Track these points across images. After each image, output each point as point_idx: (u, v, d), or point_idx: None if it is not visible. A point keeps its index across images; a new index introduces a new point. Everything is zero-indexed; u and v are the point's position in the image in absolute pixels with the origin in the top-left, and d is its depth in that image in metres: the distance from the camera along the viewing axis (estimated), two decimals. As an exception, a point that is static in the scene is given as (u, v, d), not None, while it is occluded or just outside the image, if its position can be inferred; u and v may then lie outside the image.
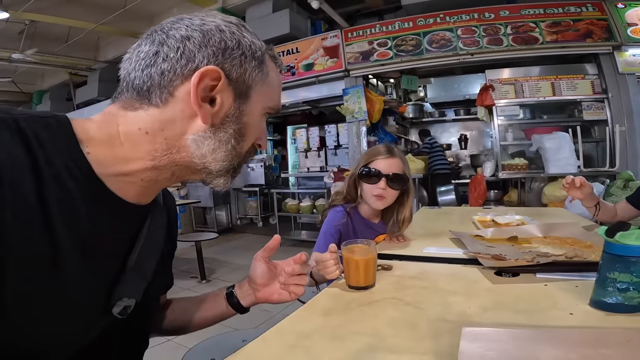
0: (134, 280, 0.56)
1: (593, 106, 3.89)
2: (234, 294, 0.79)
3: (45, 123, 0.47)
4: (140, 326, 0.65)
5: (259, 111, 0.56)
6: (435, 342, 0.56)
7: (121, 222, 0.54)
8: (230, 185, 0.59)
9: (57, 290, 0.45)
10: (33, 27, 5.48)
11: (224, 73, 0.50)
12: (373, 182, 1.23)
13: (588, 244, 1.02)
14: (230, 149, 0.54)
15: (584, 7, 3.95)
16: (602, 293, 0.62)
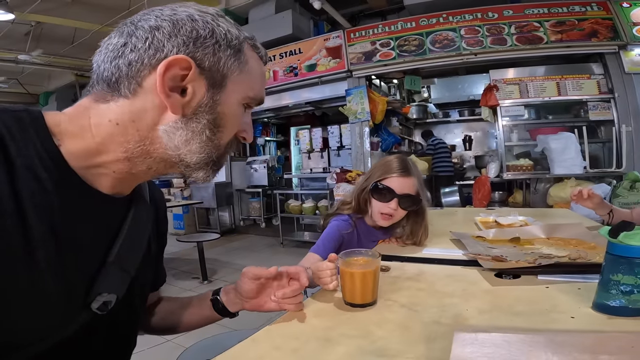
0: (114, 275, 0.55)
1: (599, 106, 3.84)
2: (219, 300, 0.76)
3: (16, 116, 0.46)
4: (125, 323, 0.63)
5: (236, 101, 0.54)
6: (428, 345, 0.53)
7: (98, 214, 0.53)
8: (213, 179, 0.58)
9: (30, 283, 0.44)
10: (39, 28, 5.53)
11: (195, 62, 0.49)
12: (384, 200, 1.16)
13: (592, 245, 0.99)
14: (206, 140, 0.52)
15: (588, 6, 3.91)
16: (605, 296, 0.59)
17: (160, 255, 0.78)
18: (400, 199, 1.15)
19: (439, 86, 6.07)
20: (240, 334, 1.38)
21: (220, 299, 0.76)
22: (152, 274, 0.71)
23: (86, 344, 0.55)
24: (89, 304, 0.51)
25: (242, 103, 0.55)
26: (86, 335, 0.54)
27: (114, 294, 0.54)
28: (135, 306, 0.65)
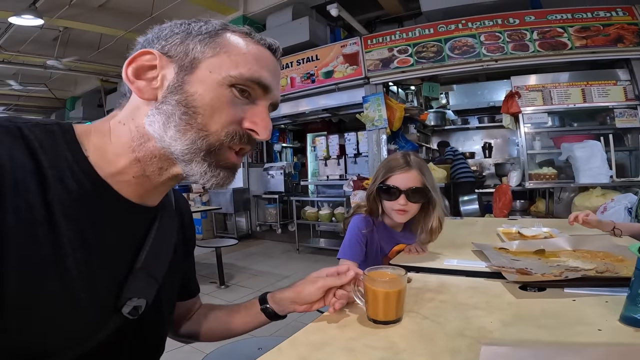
0: (142, 280, 0.57)
1: (626, 113, 3.72)
2: (268, 308, 0.78)
3: (48, 130, 0.50)
4: (154, 329, 0.65)
5: (214, 81, 0.52)
6: (453, 357, 0.53)
7: (127, 222, 0.56)
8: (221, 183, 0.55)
9: (62, 289, 0.46)
10: (67, 33, 5.76)
11: (161, 53, 0.53)
12: (392, 199, 1.19)
13: (620, 257, 0.96)
14: (183, 124, 0.51)
15: (613, 11, 3.81)
16: (633, 309, 0.58)
17: (191, 262, 0.82)
18: (406, 193, 1.17)
19: (458, 92, 5.99)
20: (257, 340, 1.39)
21: (270, 307, 0.78)
22: (179, 281, 0.73)
23: (117, 349, 0.56)
24: (119, 308, 0.54)
25: (228, 84, 0.53)
26: (117, 341, 0.55)
27: (144, 298, 0.56)
28: (163, 312, 0.67)
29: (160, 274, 0.61)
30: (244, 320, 0.80)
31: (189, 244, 0.78)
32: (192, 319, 0.83)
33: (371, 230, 1.27)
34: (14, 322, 0.43)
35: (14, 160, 0.44)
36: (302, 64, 5.12)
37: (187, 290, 0.81)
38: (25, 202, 0.43)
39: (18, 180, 0.43)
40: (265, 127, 0.56)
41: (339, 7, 4.29)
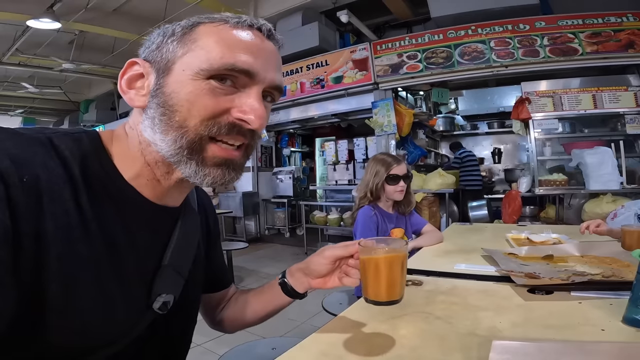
0: (170, 276, 0.60)
1: (636, 119, 3.70)
2: (286, 283, 0.76)
3: (75, 138, 0.53)
4: (181, 323, 0.67)
5: (188, 78, 0.51)
6: (465, 354, 0.57)
7: (152, 222, 0.58)
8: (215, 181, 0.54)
9: (97, 290, 0.49)
10: (82, 37, 5.88)
11: (143, 60, 0.55)
12: (395, 183, 1.68)
13: (626, 263, 0.98)
14: (164, 125, 0.51)
15: (624, 17, 3.81)
16: (635, 311, 0.62)
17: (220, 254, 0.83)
18: (403, 178, 1.70)
19: (467, 98, 5.99)
20: (271, 341, 1.44)
21: (288, 281, 0.76)
22: (203, 275, 0.74)
23: (148, 344, 0.59)
24: (150, 305, 0.57)
25: (202, 78, 0.51)
26: (148, 336, 0.58)
27: (172, 294, 0.59)
28: (190, 306, 0.69)
29: (186, 270, 0.64)
30: (268, 299, 0.79)
31: (213, 238, 0.80)
32: (225, 308, 0.84)
33: (374, 214, 1.69)
34: (55, 322, 0.46)
35: (49, 170, 0.47)
36: (311, 69, 5.18)
37: (220, 281, 0.83)
38: (61, 208, 0.46)
39: (53, 188, 0.46)
40: (256, 115, 0.52)
41: (348, 14, 4.34)
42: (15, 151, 0.44)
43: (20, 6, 4.63)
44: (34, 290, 0.44)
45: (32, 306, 0.44)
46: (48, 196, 0.45)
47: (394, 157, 1.74)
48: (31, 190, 0.44)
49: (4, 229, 0.40)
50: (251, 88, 0.53)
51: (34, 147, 0.47)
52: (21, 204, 0.42)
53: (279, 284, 0.78)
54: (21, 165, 0.44)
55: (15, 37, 5.63)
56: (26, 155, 0.45)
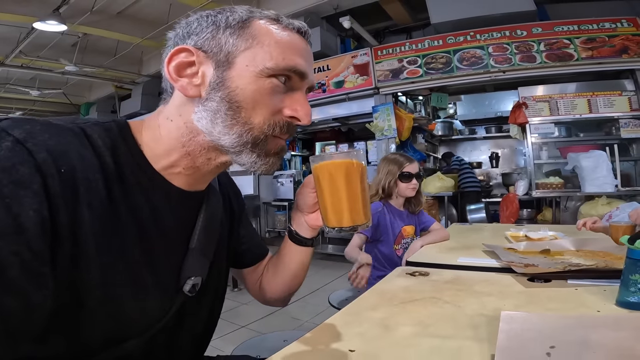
0: (197, 259, 0.61)
1: (631, 123, 3.79)
2: (292, 229, 0.76)
3: (106, 127, 0.54)
4: (208, 304, 0.69)
5: (253, 74, 0.53)
6: (475, 330, 0.64)
7: (181, 208, 0.59)
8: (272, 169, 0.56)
9: (131, 276, 0.51)
10: (85, 40, 5.89)
11: (196, 48, 0.54)
12: (408, 181, 1.75)
13: (619, 256, 1.05)
14: (229, 119, 0.53)
15: (618, 22, 3.90)
16: (626, 293, 0.68)
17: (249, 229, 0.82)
18: (415, 176, 1.77)
19: (465, 102, 6.07)
20: (283, 334, 1.49)
21: (293, 228, 0.75)
22: (226, 256, 0.74)
23: (178, 326, 0.61)
24: (180, 288, 0.59)
25: (266, 76, 0.53)
26: (179, 319, 0.60)
27: (199, 276, 0.61)
28: (215, 286, 0.70)
29: (211, 251, 0.65)
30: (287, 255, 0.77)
31: (238, 215, 0.79)
32: (263, 277, 0.82)
33: (382, 210, 1.76)
34: (93, 311, 0.47)
35: (84, 160, 0.47)
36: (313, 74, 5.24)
37: (256, 255, 0.82)
38: (96, 198, 0.47)
39: (89, 178, 0.47)
40: (306, 113, 0.57)
41: (351, 19, 4.42)
42: (52, 142, 0.45)
43: (26, 8, 4.67)
44: (72, 280, 0.45)
45: (70, 296, 0.45)
46: (84, 186, 0.46)
47: (407, 157, 1.81)
48: (68, 181, 0.44)
49: (42, 221, 0.41)
50: (299, 88, 0.57)
51: (69, 137, 0.48)
52: (59, 195, 0.43)
53: (288, 235, 0.76)
54: (58, 157, 0.44)
55: (19, 39, 5.67)
56: (62, 146, 0.46)
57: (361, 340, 0.63)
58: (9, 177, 0.40)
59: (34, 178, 0.41)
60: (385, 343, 0.62)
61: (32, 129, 0.44)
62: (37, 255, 0.40)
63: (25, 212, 0.39)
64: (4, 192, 0.39)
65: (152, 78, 7.60)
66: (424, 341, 0.61)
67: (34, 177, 0.41)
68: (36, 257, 0.40)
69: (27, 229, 0.39)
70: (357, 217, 0.57)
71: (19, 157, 0.41)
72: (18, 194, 0.39)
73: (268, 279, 0.81)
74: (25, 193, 0.40)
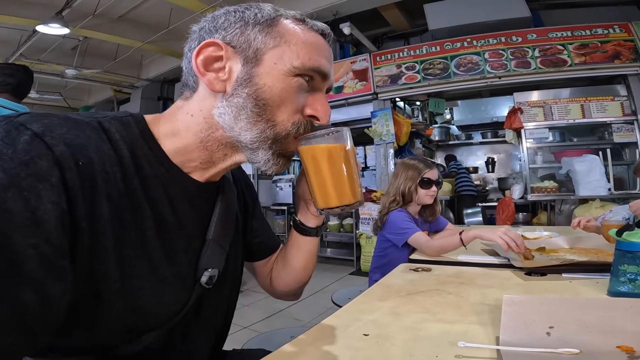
0: (215, 251, 0.61)
1: (623, 128, 3.85)
2: (296, 219, 0.74)
3: (123, 122, 0.54)
4: (225, 295, 0.69)
5: (281, 72, 0.53)
6: (478, 317, 0.70)
7: (197, 200, 0.60)
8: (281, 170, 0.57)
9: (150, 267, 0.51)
10: (85, 43, 5.90)
11: (225, 43, 0.53)
12: (428, 187, 1.69)
13: (611, 253, 1.12)
14: (254, 116, 0.53)
15: (611, 28, 3.95)
16: (617, 283, 0.74)
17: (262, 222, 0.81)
18: (435, 183, 1.71)
19: (462, 108, 6.15)
20: (290, 331, 1.55)
21: (298, 218, 0.74)
22: (241, 248, 0.74)
23: (197, 318, 0.61)
24: (198, 279, 0.58)
25: (292, 74, 0.54)
26: (197, 310, 0.61)
27: (216, 268, 0.61)
28: (231, 278, 0.70)
29: (227, 243, 0.65)
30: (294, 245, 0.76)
31: (252, 208, 0.79)
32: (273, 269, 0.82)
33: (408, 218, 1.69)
34: (113, 303, 0.48)
35: (102, 153, 0.47)
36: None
37: (268, 248, 0.81)
38: (115, 191, 0.47)
39: (107, 171, 0.47)
40: (326, 113, 0.57)
41: (351, 26, 4.49)
42: (70, 136, 0.45)
43: (29, 11, 4.71)
44: (91, 272, 0.45)
45: (89, 288, 0.45)
46: (102, 179, 0.46)
47: (426, 162, 1.76)
48: (86, 174, 0.44)
49: (61, 214, 0.41)
50: (321, 88, 0.58)
51: (87, 131, 0.48)
52: (77, 188, 0.43)
53: (293, 226, 0.76)
54: (76, 150, 0.44)
55: (20, 42, 5.70)
56: (80, 139, 0.46)
57: (374, 326, 0.69)
58: (27, 170, 0.39)
59: (53, 171, 0.41)
60: (396, 327, 0.68)
61: (50, 123, 0.44)
62: (56, 248, 0.40)
63: (43, 206, 0.39)
64: (22, 185, 0.39)
65: (152, 82, 7.62)
66: (433, 325, 0.67)
67: (52, 170, 0.41)
68: (55, 251, 0.40)
69: (46, 221, 0.39)
70: (344, 196, 0.56)
71: (37, 151, 0.41)
72: (36, 187, 0.39)
73: (278, 272, 0.80)
74: (43, 186, 0.40)
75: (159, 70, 7.20)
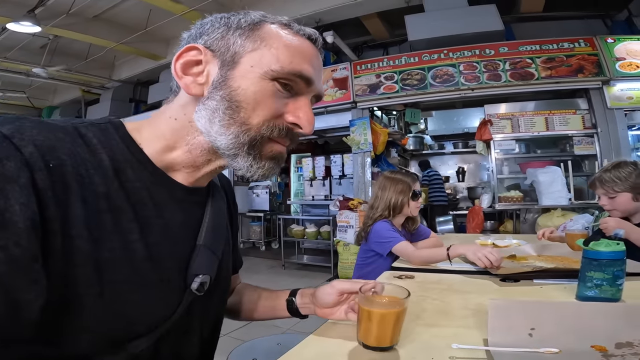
0: (205, 257, 0.59)
1: (583, 141, 4.03)
2: (294, 302, 0.79)
3: (102, 127, 0.53)
4: (216, 304, 0.68)
5: (256, 75, 0.53)
6: (464, 320, 0.76)
7: (184, 204, 0.59)
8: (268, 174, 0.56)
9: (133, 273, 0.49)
10: (55, 42, 5.70)
11: (205, 47, 0.54)
12: (417, 200, 1.78)
13: (574, 260, 1.23)
14: (227, 118, 0.53)
15: (576, 42, 4.12)
16: (584, 288, 0.83)
17: (236, 238, 0.82)
18: (420, 195, 1.79)
19: (436, 118, 6.31)
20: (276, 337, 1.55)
21: (295, 301, 0.79)
22: (230, 256, 0.74)
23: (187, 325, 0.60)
24: (188, 285, 0.57)
25: (270, 78, 0.53)
26: (188, 318, 0.59)
27: (208, 274, 0.59)
28: (223, 287, 0.69)
29: (220, 249, 0.64)
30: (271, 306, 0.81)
31: (235, 217, 0.80)
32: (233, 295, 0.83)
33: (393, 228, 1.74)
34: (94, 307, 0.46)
35: (76, 156, 0.46)
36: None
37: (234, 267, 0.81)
38: (91, 194, 0.46)
39: (82, 174, 0.46)
40: (309, 121, 0.56)
41: (334, 35, 4.54)
42: (40, 137, 0.44)
43: (1, 9, 4.51)
44: (67, 275, 0.44)
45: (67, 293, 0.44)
46: (76, 181, 0.45)
47: (412, 175, 1.84)
48: (58, 176, 0.43)
49: (32, 217, 0.39)
50: (304, 95, 0.57)
51: (60, 134, 0.47)
52: (48, 189, 0.42)
53: (286, 300, 0.80)
54: (46, 151, 0.43)
55: (-14, 40, 5.43)
56: (51, 141, 0.45)
57: None
58: None
59: (21, 172, 0.40)
60: (390, 332, 0.72)
61: (21, 125, 0.44)
62: (26, 250, 0.39)
63: (11, 207, 0.38)
64: None
65: (124, 83, 7.41)
66: (423, 329, 0.72)
67: (21, 171, 0.40)
68: (25, 253, 0.38)
69: (15, 223, 0.38)
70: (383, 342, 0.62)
71: (6, 152, 0.40)
72: (4, 189, 0.38)
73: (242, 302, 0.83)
74: (11, 187, 0.39)
75: (132, 72, 7.01)
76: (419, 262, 1.42)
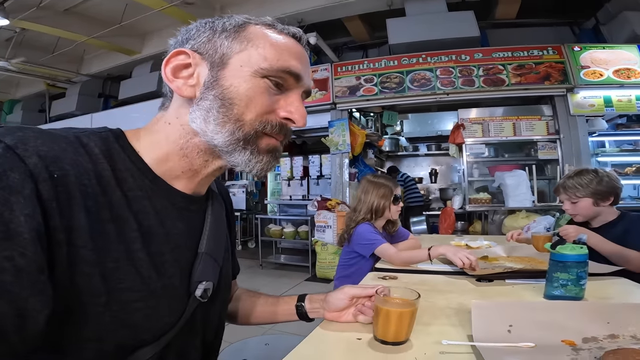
0: (208, 264, 0.61)
1: (547, 146, 4.23)
2: (303, 307, 0.84)
3: (102, 137, 0.54)
4: (218, 309, 0.69)
5: (247, 74, 0.55)
6: (448, 319, 0.84)
7: (186, 212, 0.60)
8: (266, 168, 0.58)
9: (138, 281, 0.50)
10: (22, 35, 5.45)
11: (193, 51, 0.56)
12: (397, 204, 1.83)
13: (540, 260, 1.36)
14: (221, 116, 0.54)
15: (545, 50, 4.27)
16: (551, 288, 0.93)
17: (233, 244, 0.84)
18: (401, 199, 1.85)
19: (411, 121, 6.48)
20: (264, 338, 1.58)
21: (305, 306, 0.83)
22: (230, 262, 0.76)
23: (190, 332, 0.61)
24: (192, 292, 0.58)
25: (260, 76, 0.55)
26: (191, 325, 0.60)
27: (211, 281, 0.61)
28: (224, 293, 0.71)
29: (220, 256, 0.65)
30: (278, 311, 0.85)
31: (232, 225, 0.82)
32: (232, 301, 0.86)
33: None
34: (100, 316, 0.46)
35: (79, 166, 0.47)
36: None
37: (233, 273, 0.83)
38: (94, 203, 0.47)
39: (85, 183, 0.46)
40: (301, 115, 0.58)
41: (317, 36, 4.54)
42: (44, 148, 0.44)
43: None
44: (73, 285, 0.44)
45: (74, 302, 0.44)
46: (80, 191, 0.45)
47: (393, 180, 1.90)
48: (62, 186, 0.44)
49: (36, 227, 0.40)
50: (294, 91, 0.59)
51: (63, 144, 0.47)
52: (52, 200, 0.42)
53: (296, 305, 0.84)
54: (50, 162, 0.44)
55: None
56: (55, 152, 0.45)
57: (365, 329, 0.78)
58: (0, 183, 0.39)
59: (26, 183, 0.40)
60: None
61: (24, 136, 0.44)
62: (32, 260, 0.39)
63: (16, 218, 0.39)
64: None
65: (93, 78, 7.12)
66: (415, 327, 0.78)
67: (25, 182, 0.40)
68: (31, 263, 0.39)
69: (20, 234, 0.38)
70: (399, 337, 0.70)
71: (10, 163, 0.40)
72: (9, 200, 0.39)
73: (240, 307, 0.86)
74: (16, 199, 0.39)
75: (102, 66, 6.75)
76: (400, 263, 1.49)
